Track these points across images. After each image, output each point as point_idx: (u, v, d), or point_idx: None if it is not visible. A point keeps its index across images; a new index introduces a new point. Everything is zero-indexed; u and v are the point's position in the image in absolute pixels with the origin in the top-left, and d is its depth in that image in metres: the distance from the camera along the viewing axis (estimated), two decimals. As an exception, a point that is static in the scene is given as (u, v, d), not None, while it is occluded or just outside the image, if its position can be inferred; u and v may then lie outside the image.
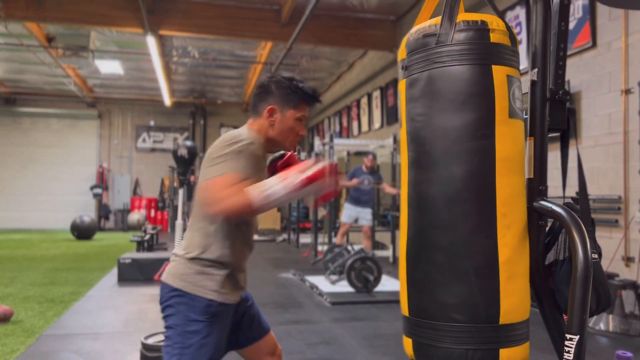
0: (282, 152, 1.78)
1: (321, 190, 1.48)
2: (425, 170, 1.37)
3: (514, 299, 1.30)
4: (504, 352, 1.29)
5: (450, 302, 1.31)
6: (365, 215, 7.53)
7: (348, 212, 7.52)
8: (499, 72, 1.31)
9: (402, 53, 1.47)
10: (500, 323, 1.28)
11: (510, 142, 1.32)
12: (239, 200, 1.44)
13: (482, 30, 1.32)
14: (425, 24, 1.42)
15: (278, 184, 1.45)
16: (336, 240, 7.78)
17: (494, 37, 1.32)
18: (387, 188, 7.59)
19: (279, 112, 1.66)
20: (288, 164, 1.71)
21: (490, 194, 1.29)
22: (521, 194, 1.36)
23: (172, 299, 1.57)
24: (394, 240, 8.08)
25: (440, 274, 1.32)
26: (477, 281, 1.28)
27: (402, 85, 1.45)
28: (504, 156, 1.30)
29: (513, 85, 1.33)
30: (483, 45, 1.31)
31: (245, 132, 1.60)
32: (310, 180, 1.45)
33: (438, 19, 1.40)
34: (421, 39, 1.39)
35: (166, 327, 1.58)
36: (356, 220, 7.55)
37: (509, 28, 1.36)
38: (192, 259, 1.58)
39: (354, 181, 7.34)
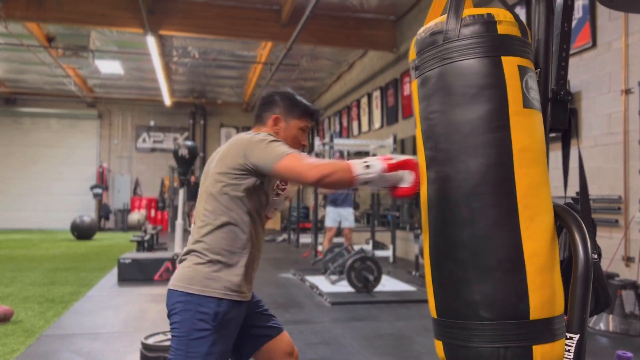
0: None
1: (403, 180, 1.49)
2: (442, 167, 1.35)
3: (545, 293, 1.24)
4: (537, 349, 1.23)
5: (477, 300, 1.26)
6: (347, 217, 7.34)
7: (331, 215, 7.32)
8: (509, 63, 1.30)
9: (412, 54, 1.47)
10: (531, 319, 1.23)
11: (527, 132, 1.29)
12: (340, 166, 1.47)
13: (488, 22, 1.31)
14: (431, 22, 1.41)
15: (375, 161, 1.48)
16: (323, 246, 7.49)
17: (501, 29, 1.31)
18: None
19: (284, 121, 1.77)
20: None
21: (510, 186, 1.26)
22: (544, 184, 1.31)
23: (179, 305, 1.54)
24: (394, 240, 8.08)
25: (464, 271, 1.28)
26: (502, 276, 1.24)
27: (414, 86, 1.45)
28: (521, 147, 1.27)
29: (525, 75, 1.32)
30: (491, 38, 1.30)
31: (265, 134, 1.66)
32: (398, 166, 1.49)
33: (445, 18, 1.40)
34: (429, 38, 1.39)
35: (173, 337, 1.54)
36: (340, 223, 7.33)
37: (518, 19, 1.34)
38: (208, 262, 1.56)
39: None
